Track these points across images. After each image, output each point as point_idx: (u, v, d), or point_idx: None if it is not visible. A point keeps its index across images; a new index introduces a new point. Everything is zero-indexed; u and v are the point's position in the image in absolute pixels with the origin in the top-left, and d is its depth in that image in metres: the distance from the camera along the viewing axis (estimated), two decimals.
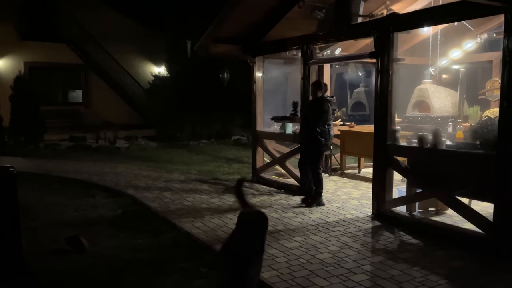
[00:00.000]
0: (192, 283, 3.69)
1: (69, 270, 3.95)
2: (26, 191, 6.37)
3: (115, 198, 6.62)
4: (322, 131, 5.86)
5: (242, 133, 15.81)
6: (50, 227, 5.17)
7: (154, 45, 18.02)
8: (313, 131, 5.88)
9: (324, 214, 5.62)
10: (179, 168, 9.28)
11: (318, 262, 4.01)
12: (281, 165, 7.41)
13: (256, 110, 7.58)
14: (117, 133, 13.73)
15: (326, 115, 5.87)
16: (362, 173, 8.28)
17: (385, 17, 5.37)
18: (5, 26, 15.88)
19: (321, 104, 5.90)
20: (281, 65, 8.14)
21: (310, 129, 5.94)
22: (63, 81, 18.28)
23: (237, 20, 6.75)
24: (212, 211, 5.77)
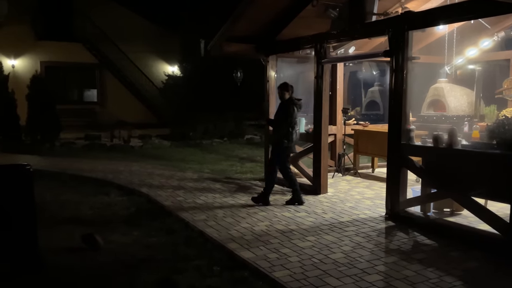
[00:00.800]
0: (205, 281, 3.71)
1: (84, 267, 4.00)
2: (43, 189, 6.47)
3: (129, 196, 6.68)
4: (285, 133, 5.92)
5: (255, 132, 15.83)
6: (65, 225, 5.25)
7: (168, 44, 18.15)
8: (277, 132, 6.03)
9: (337, 214, 5.59)
10: (192, 167, 9.33)
11: (331, 262, 4.00)
12: (294, 164, 7.38)
13: (269, 109, 7.57)
14: (131, 132, 13.86)
15: (290, 118, 5.91)
16: (376, 173, 8.21)
17: (400, 15, 5.31)
18: (22, 26, 16.16)
19: (286, 107, 5.96)
20: (294, 64, 8.12)
21: (275, 130, 6.11)
22: (78, 80, 18.54)
23: (250, 19, 6.75)
24: (225, 210, 5.79)
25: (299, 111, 6.03)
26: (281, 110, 6.03)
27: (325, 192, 6.64)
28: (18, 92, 12.56)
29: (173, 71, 18.34)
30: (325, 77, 6.48)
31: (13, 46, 16.41)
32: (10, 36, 15.90)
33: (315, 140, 6.64)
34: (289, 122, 5.91)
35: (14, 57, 16.74)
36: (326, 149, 6.69)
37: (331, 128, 7.73)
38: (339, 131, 8.23)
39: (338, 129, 8.23)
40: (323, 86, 6.45)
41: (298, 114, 6.12)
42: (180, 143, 13.47)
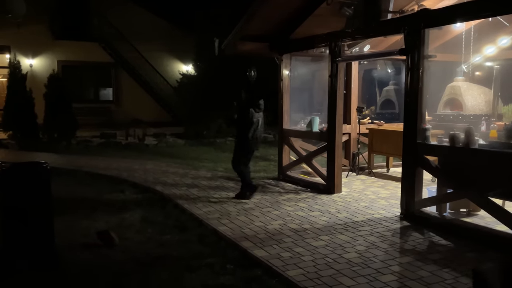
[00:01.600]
0: (219, 279, 3.72)
1: (99, 263, 4.06)
2: (59, 186, 6.56)
3: (144, 194, 6.75)
4: (243, 133, 6.15)
5: (269, 130, 15.81)
6: (81, 222, 5.32)
7: (183, 43, 18.24)
8: (237, 131, 6.31)
9: (351, 213, 5.56)
10: (206, 165, 9.37)
11: (345, 262, 3.98)
12: (307, 163, 7.37)
13: (283, 108, 7.56)
14: (146, 131, 13.99)
15: (247, 119, 6.12)
16: (390, 172, 8.13)
17: (416, 13, 5.25)
18: (40, 26, 16.42)
19: (244, 108, 6.18)
20: (308, 62, 8.09)
21: (236, 129, 6.37)
22: (94, 79, 18.77)
23: (264, 18, 6.75)
24: (238, 208, 5.81)
25: (258, 112, 6.23)
26: (239, 110, 6.26)
27: (339, 191, 6.61)
28: (35, 91, 12.79)
29: (188, 70, 18.42)
30: (339, 76, 6.44)
31: (31, 45, 16.70)
32: (28, 35, 16.18)
33: (329, 139, 6.61)
34: (247, 122, 6.14)
35: (32, 56, 17.02)
36: (340, 148, 6.65)
37: (345, 127, 7.68)
38: (353, 130, 8.18)
39: (353, 128, 8.18)
40: (337, 85, 6.41)
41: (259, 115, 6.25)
42: (194, 142, 13.54)
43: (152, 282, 3.68)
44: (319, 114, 7.37)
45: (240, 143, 6.27)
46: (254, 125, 6.15)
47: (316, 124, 7.05)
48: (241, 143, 6.25)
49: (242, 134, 6.19)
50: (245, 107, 6.20)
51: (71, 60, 17.61)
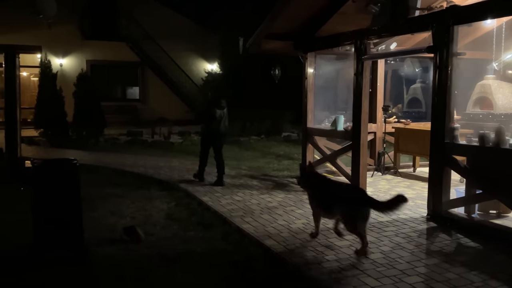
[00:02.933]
0: (243, 277, 3.75)
1: (126, 258, 4.14)
2: (87, 183, 6.73)
3: (169, 191, 6.85)
4: (205, 127, 7.31)
5: (293, 129, 15.77)
6: (108, 217, 5.45)
7: (208, 42, 18.40)
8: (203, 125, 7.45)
9: (376, 213, 5.47)
10: (230, 164, 9.40)
11: (370, 262, 3.93)
12: (331, 162, 7.31)
13: (307, 106, 7.52)
14: (171, 129, 14.17)
15: (207, 115, 7.23)
16: (417, 172, 7.98)
17: (445, 9, 5.13)
18: (70, 26, 16.87)
19: (209, 106, 7.33)
20: (333, 60, 8.02)
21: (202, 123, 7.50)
22: (121, 78, 19.15)
23: (289, 16, 6.73)
24: (262, 206, 5.82)
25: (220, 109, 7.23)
26: (206, 108, 7.43)
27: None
28: (65, 90, 13.14)
29: (212, 68, 18.58)
30: (365, 74, 6.36)
31: (62, 45, 17.17)
32: (59, 36, 16.63)
33: (353, 138, 6.54)
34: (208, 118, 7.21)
35: (62, 56, 17.51)
36: (365, 147, 6.57)
37: (370, 126, 7.58)
38: (379, 129, 8.06)
39: (378, 127, 8.07)
40: (363, 83, 6.33)
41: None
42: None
43: (177, 278, 3.74)
44: (343, 113, 7.30)
45: (205, 135, 7.42)
46: (216, 120, 7.16)
47: (341, 123, 6.99)
48: (205, 135, 7.39)
49: (206, 127, 7.27)
50: (209, 105, 7.32)
51: (99, 59, 18.03)
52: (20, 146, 4.38)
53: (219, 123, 7.21)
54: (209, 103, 7.38)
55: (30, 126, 13.17)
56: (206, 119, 7.23)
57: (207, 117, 7.21)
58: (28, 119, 14.03)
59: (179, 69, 18.89)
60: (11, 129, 4.31)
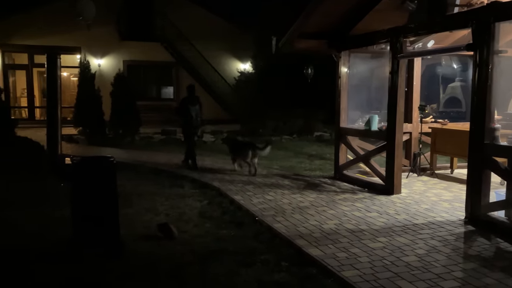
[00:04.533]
0: (273, 276, 3.76)
1: (160, 254, 4.23)
2: (123, 180, 6.92)
3: (202, 189, 6.94)
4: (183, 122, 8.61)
5: (325, 129, 15.62)
6: (143, 214, 5.58)
7: (241, 42, 18.49)
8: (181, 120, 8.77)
9: (411, 215, 5.36)
10: (262, 163, 9.42)
11: (404, 265, 3.85)
12: (365, 163, 7.20)
13: (340, 106, 7.44)
14: (204, 128, 14.33)
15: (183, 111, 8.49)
16: (454, 174, 7.75)
17: (485, 6, 4.95)
18: (108, 28, 17.36)
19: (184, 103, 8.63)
20: (367, 59, 7.88)
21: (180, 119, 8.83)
22: (156, 78, 19.55)
23: (323, 14, 6.67)
24: (293, 206, 5.80)
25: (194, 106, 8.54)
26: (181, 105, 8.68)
27: (398, 192, 6.40)
28: (103, 90, 13.53)
29: (245, 68, 18.65)
30: (400, 73, 6.23)
31: (100, 46, 17.72)
32: (97, 37, 17.15)
33: (388, 138, 6.42)
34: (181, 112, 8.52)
35: (100, 56, 18.05)
36: (400, 148, 6.43)
37: (406, 126, 7.40)
38: (415, 129, 7.87)
39: (414, 127, 7.88)
40: (398, 82, 6.20)
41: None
42: (250, 139, 13.67)
43: (209, 275, 3.79)
44: (378, 112, 7.17)
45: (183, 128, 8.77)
46: (190, 115, 8.42)
47: (375, 123, 6.87)
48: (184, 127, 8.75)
49: (184, 121, 8.59)
50: (184, 102, 8.62)
51: (135, 59, 18.47)
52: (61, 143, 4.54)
53: (192, 117, 8.49)
54: (184, 101, 8.68)
55: (70, 124, 13.63)
56: (183, 115, 8.52)
57: (183, 113, 8.51)
58: (67, 118, 14.53)
59: (212, 69, 19.08)
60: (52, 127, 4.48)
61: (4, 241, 4.51)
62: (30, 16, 16.87)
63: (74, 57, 17.07)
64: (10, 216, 5.30)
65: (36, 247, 4.34)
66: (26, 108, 18.34)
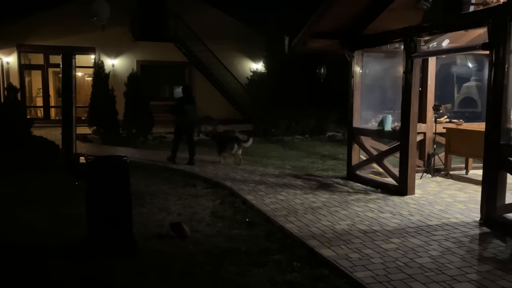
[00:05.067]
0: (285, 276, 3.75)
1: (172, 253, 4.26)
2: (137, 179, 6.99)
3: (214, 189, 6.96)
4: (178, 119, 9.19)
5: (338, 129, 15.55)
6: (156, 213, 5.62)
7: (254, 42, 18.51)
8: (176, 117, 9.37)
9: (425, 216, 5.30)
10: (274, 163, 9.44)
11: (417, 266, 3.81)
12: (378, 163, 7.15)
13: (353, 105, 7.39)
14: (216, 127, 14.39)
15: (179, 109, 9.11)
16: (469, 175, 7.64)
17: (502, 4, 4.87)
18: (122, 28, 17.54)
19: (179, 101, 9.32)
20: (381, 59, 7.82)
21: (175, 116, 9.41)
22: (169, 78, 19.68)
23: (336, 14, 6.64)
24: (306, 206, 5.79)
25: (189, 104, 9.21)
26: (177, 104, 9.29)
27: (412, 193, 6.33)
28: (116, 90, 13.67)
29: (257, 68, 18.66)
30: (414, 72, 6.17)
31: (114, 46, 17.90)
32: (111, 37, 17.33)
33: (402, 138, 6.36)
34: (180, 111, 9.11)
35: (114, 57, 18.24)
36: (414, 148, 6.37)
37: (420, 126, 7.33)
38: (429, 129, 7.79)
39: (428, 127, 7.79)
40: (412, 82, 6.15)
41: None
42: (262, 139, 13.68)
43: (221, 274, 3.80)
44: (391, 112, 7.11)
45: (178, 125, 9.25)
46: (186, 113, 9.03)
47: (389, 123, 6.82)
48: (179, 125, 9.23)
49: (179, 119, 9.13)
50: (181, 101, 9.23)
51: (148, 60, 18.62)
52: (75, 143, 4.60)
53: (188, 115, 9.08)
54: (180, 100, 9.32)
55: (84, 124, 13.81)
56: (179, 113, 9.08)
57: (179, 111, 9.07)
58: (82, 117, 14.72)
59: (225, 69, 19.14)
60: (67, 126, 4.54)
61: (19, 239, 4.59)
62: (45, 16, 17.13)
63: (88, 57, 17.28)
64: (25, 214, 5.38)
65: (50, 245, 4.41)
66: (42, 107, 18.65)
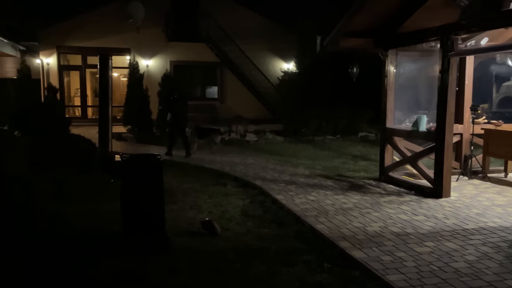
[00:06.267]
0: (315, 276, 3.73)
1: (203, 250, 4.32)
2: (169, 177, 7.11)
3: (244, 188, 7.00)
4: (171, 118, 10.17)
5: (370, 129, 15.29)
6: (187, 211, 5.71)
7: (285, 41, 18.45)
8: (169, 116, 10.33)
9: (461, 220, 5.14)
10: (304, 163, 9.39)
11: (452, 271, 3.71)
12: (412, 164, 6.99)
13: (387, 105, 7.26)
14: (247, 127, 14.45)
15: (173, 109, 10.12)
16: (509, 178, 7.36)
17: None
18: (156, 29, 17.90)
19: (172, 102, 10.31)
20: (416, 57, 7.64)
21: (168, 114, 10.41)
22: (201, 78, 19.91)
23: (369, 12, 6.54)
24: (336, 207, 5.73)
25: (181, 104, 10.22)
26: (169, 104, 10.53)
27: (447, 196, 6.16)
28: (151, 90, 13.96)
29: (289, 67, 18.60)
30: (451, 71, 6.00)
31: (148, 47, 18.29)
32: (146, 38, 17.72)
33: (437, 139, 6.19)
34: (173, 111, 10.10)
35: (148, 57, 18.63)
36: (450, 150, 6.19)
37: (456, 127, 7.11)
38: (466, 130, 7.54)
39: (465, 128, 7.55)
40: (449, 81, 5.98)
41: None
42: (292, 139, 13.64)
43: (251, 273, 3.82)
44: (426, 113, 6.93)
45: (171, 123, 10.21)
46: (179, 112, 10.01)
47: (423, 123, 6.65)
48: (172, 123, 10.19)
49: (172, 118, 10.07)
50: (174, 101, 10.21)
51: (181, 60, 18.91)
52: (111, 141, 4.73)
53: (181, 115, 10.05)
54: (173, 100, 10.24)
55: (119, 123, 14.16)
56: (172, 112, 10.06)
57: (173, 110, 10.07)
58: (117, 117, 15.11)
59: (256, 69, 19.18)
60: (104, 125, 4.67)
61: (58, 233, 4.77)
62: (83, 19, 17.69)
63: (124, 58, 17.72)
64: (63, 209, 5.59)
65: (87, 239, 4.56)
66: (79, 107, 19.27)
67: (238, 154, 10.69)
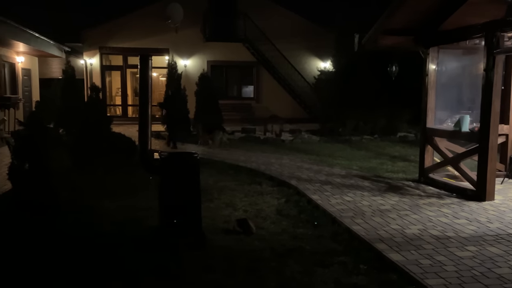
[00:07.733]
0: (351, 278, 3.68)
1: (238, 249, 4.36)
2: (206, 175, 7.22)
3: (279, 187, 7.00)
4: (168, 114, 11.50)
5: (409, 129, 14.90)
6: (223, 209, 5.77)
7: (322, 40, 18.31)
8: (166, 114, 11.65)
9: (506, 224, 4.93)
10: (340, 163, 9.28)
11: (495, 277, 3.56)
12: (454, 166, 6.75)
13: (427, 105, 7.05)
14: (282, 126, 14.43)
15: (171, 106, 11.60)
16: None
17: None
18: (194, 30, 18.22)
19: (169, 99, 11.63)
20: (458, 55, 7.38)
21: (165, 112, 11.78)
22: (237, 78, 20.08)
23: (409, 10, 6.38)
24: (373, 208, 5.63)
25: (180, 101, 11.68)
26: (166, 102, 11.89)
27: (491, 199, 5.91)
28: (188, 89, 14.20)
29: (325, 66, 18.41)
30: (496, 70, 5.75)
31: (186, 47, 18.64)
32: (184, 39, 18.06)
33: (481, 140, 5.96)
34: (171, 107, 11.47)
35: (186, 57, 18.98)
36: (494, 151, 5.94)
37: (502, 128, 6.80)
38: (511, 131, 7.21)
39: (511, 128, 7.21)
40: (494, 80, 5.74)
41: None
42: (328, 139, 13.49)
43: (286, 272, 3.82)
44: (469, 113, 6.68)
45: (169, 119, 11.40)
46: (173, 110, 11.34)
47: (466, 124, 6.41)
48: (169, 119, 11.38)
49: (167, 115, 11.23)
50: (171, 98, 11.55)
51: (218, 60, 19.14)
52: (150, 140, 4.86)
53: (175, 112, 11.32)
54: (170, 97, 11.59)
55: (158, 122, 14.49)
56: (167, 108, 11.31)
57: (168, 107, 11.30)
58: (156, 116, 15.47)
59: (292, 68, 19.12)
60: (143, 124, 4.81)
61: (99, 227, 4.95)
62: (124, 20, 18.25)
63: (163, 58, 18.14)
64: (103, 205, 5.79)
65: (126, 234, 4.70)
66: (120, 106, 19.89)
67: (274, 153, 10.69)
